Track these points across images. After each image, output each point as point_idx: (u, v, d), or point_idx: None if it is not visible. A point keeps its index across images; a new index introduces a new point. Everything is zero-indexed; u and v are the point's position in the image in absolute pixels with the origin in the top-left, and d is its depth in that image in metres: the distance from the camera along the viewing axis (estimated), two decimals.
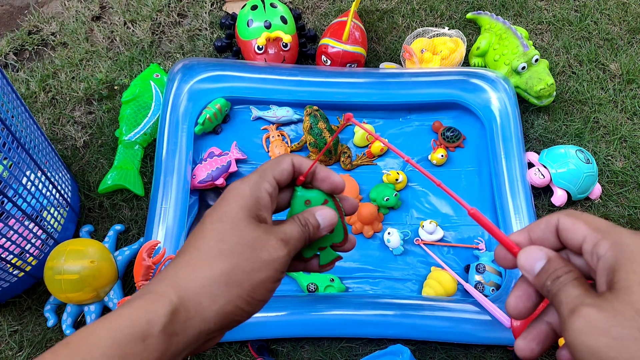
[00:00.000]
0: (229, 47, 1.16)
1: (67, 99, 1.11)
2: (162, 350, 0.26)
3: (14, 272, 0.83)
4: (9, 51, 1.17)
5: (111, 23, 1.22)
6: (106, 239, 0.93)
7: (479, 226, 1.01)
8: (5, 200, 0.74)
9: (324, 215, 0.33)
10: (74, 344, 0.25)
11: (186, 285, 0.28)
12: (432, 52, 1.11)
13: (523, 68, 1.06)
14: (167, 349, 0.26)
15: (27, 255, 0.84)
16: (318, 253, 0.35)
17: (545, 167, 1.00)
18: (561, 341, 0.28)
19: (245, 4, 1.12)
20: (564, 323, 0.24)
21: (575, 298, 0.25)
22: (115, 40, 1.19)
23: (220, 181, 0.98)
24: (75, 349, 0.25)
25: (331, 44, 1.07)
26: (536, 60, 1.06)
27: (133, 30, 1.20)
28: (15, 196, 0.76)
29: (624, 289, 0.23)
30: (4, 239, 0.76)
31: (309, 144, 1.01)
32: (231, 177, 1.02)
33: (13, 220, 0.77)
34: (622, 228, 0.26)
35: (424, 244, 0.96)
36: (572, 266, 0.27)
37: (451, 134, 1.04)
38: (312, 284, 0.90)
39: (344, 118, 0.32)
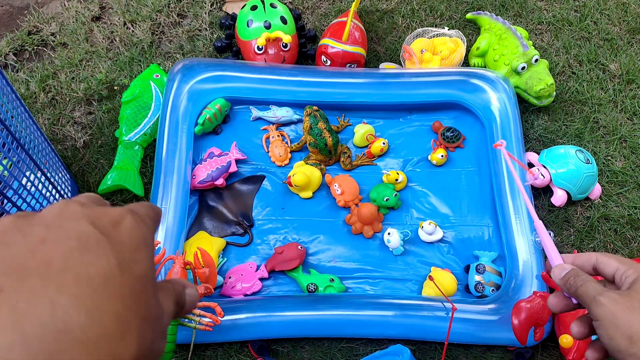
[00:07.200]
0: (229, 48, 1.16)
1: (67, 99, 1.11)
2: None
3: None
4: (9, 51, 1.17)
5: (111, 23, 1.22)
6: None
7: (479, 226, 1.01)
8: (5, 201, 0.74)
9: (191, 295, 0.27)
10: None
11: None
12: (432, 52, 1.11)
13: (523, 68, 1.06)
14: None
15: None
16: None
17: (545, 167, 1.00)
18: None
19: (245, 4, 1.12)
20: (591, 303, 0.39)
21: (597, 289, 0.39)
22: (115, 40, 1.19)
23: (220, 181, 0.98)
24: None
25: (331, 44, 1.07)
26: (536, 61, 1.06)
27: (133, 31, 1.20)
28: (14, 196, 0.76)
29: (638, 288, 0.38)
30: None
31: (309, 144, 1.01)
32: (231, 177, 1.02)
33: None
34: None
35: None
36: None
37: (451, 134, 1.04)
38: (312, 284, 0.90)
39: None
